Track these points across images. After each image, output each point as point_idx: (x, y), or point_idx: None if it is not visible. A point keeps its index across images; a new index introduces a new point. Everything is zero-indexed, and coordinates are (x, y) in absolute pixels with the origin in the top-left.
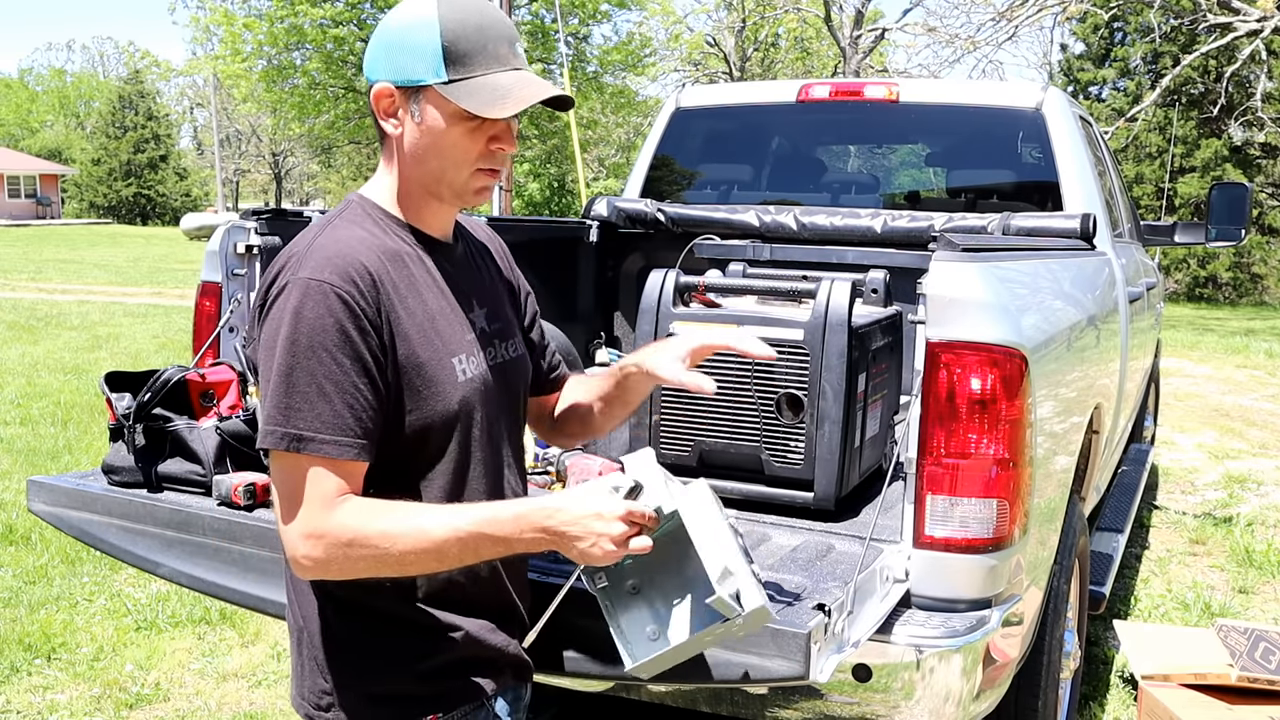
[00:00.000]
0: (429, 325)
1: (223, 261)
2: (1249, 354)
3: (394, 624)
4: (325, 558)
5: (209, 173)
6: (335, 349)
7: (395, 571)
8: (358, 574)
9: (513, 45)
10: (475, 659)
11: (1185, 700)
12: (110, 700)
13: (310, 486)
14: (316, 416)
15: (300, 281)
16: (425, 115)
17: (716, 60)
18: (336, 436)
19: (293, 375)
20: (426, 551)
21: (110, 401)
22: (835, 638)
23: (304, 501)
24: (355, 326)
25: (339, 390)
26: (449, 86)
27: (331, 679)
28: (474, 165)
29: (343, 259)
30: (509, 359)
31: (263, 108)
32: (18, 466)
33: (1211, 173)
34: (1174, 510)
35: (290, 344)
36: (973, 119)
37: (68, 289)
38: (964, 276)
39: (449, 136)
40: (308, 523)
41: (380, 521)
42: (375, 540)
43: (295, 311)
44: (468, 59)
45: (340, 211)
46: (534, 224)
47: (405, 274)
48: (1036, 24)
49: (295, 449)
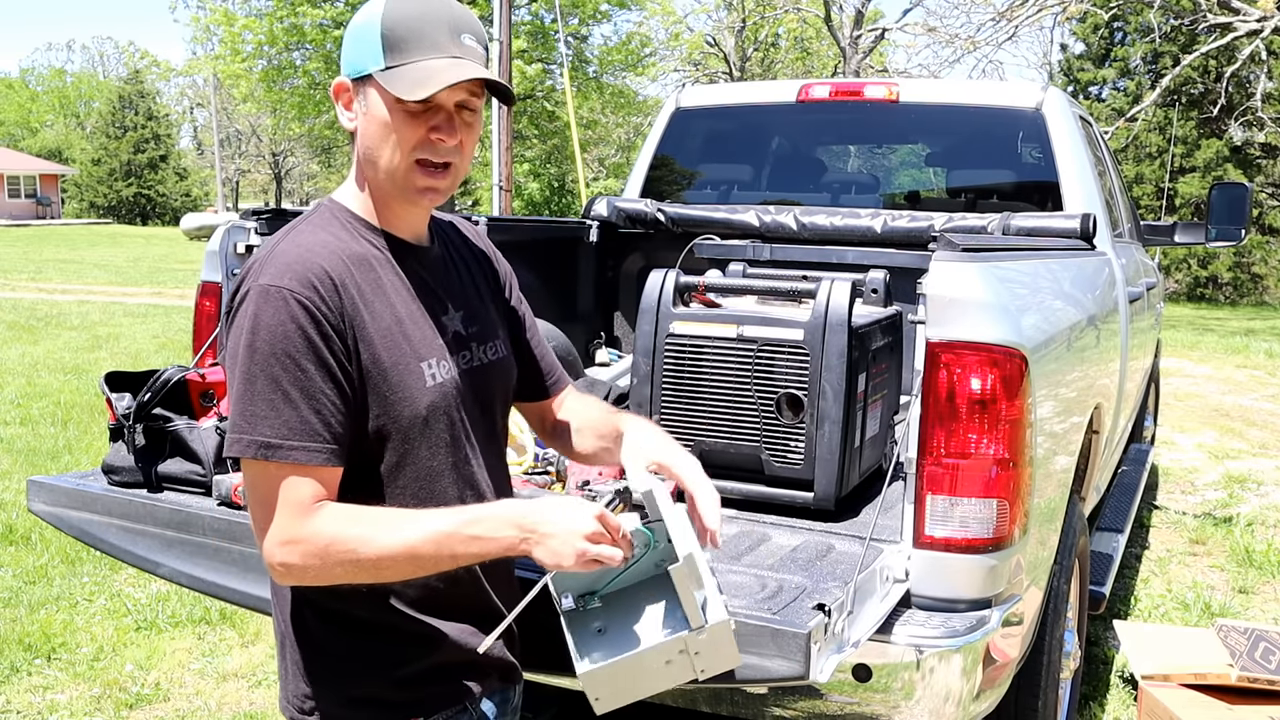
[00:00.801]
0: (396, 329)
1: (223, 261)
2: (1249, 354)
3: (372, 629)
4: (301, 564)
5: (209, 173)
6: (298, 354)
7: (372, 577)
8: (334, 580)
9: (456, 34)
10: (456, 663)
11: (1185, 700)
12: (110, 700)
13: (283, 493)
14: (284, 423)
15: (260, 288)
16: (369, 104)
17: (716, 60)
18: (305, 442)
19: (256, 382)
20: (402, 557)
21: (110, 401)
22: (835, 638)
23: (277, 509)
24: (317, 332)
25: (304, 396)
26: (386, 73)
27: (311, 683)
28: (412, 154)
29: (303, 264)
30: (487, 362)
31: (263, 108)
32: (18, 466)
33: (1211, 173)
34: (1174, 510)
35: (251, 350)
36: (973, 119)
37: (68, 289)
38: (964, 276)
39: (390, 125)
40: (283, 530)
41: (356, 527)
42: (352, 545)
43: (255, 318)
44: (403, 45)
45: (307, 216)
46: (534, 224)
47: (371, 278)
48: (1036, 24)
49: (264, 456)
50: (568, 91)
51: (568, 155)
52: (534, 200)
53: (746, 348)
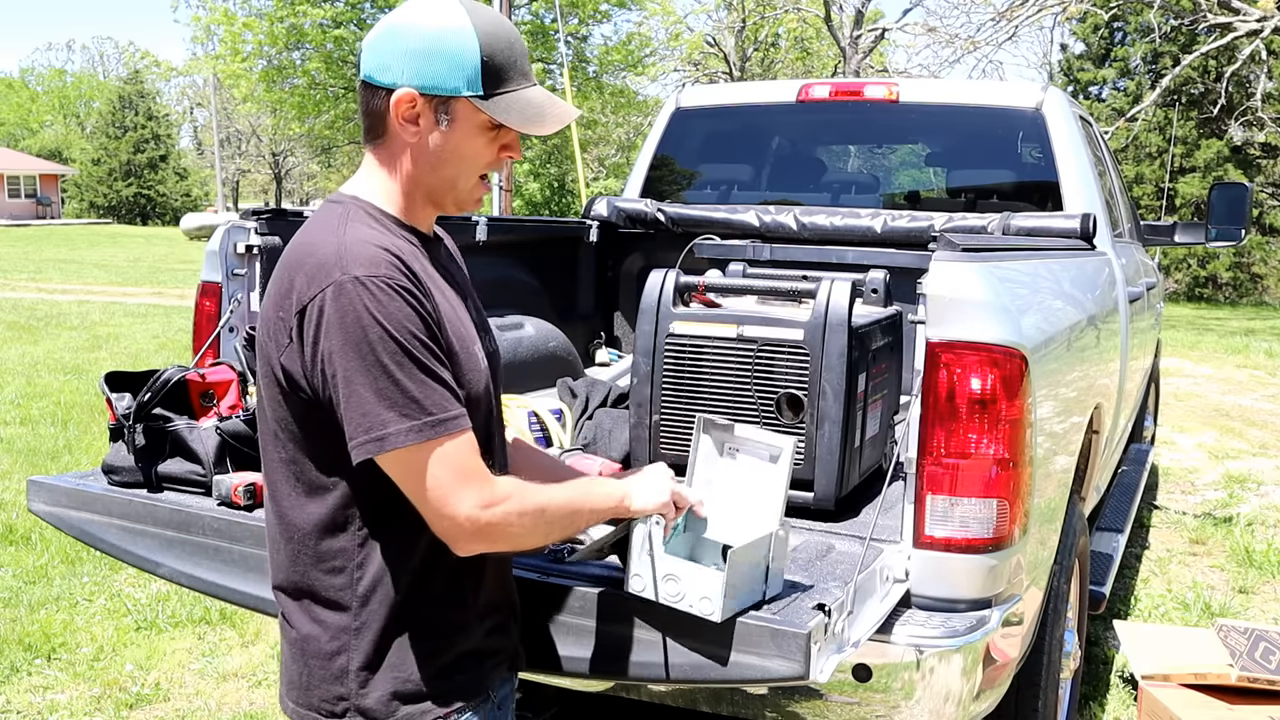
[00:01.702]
0: (453, 314)
1: (223, 261)
2: (1249, 354)
3: (403, 624)
4: (504, 522)
5: (209, 173)
6: (421, 333)
7: (543, 538)
8: (522, 542)
9: (529, 60)
10: (479, 652)
11: (1185, 700)
12: (110, 700)
13: (466, 461)
14: (440, 397)
15: (354, 280)
16: (455, 125)
17: (716, 60)
18: (460, 409)
19: (402, 369)
20: (567, 511)
21: (110, 401)
22: (835, 638)
23: (466, 477)
24: (423, 312)
25: (439, 370)
26: (489, 101)
27: (346, 683)
28: (481, 171)
29: (385, 255)
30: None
31: (263, 108)
32: (18, 466)
33: (1212, 173)
34: (1174, 510)
35: (373, 341)
36: (973, 119)
37: (68, 289)
38: (964, 276)
39: (472, 146)
40: (481, 494)
41: (530, 487)
42: (539, 502)
43: (365, 310)
44: (503, 73)
45: (344, 215)
46: (534, 224)
47: (423, 268)
48: (1036, 24)
49: (436, 435)
50: (568, 91)
51: (568, 155)
52: (534, 200)
53: (746, 348)
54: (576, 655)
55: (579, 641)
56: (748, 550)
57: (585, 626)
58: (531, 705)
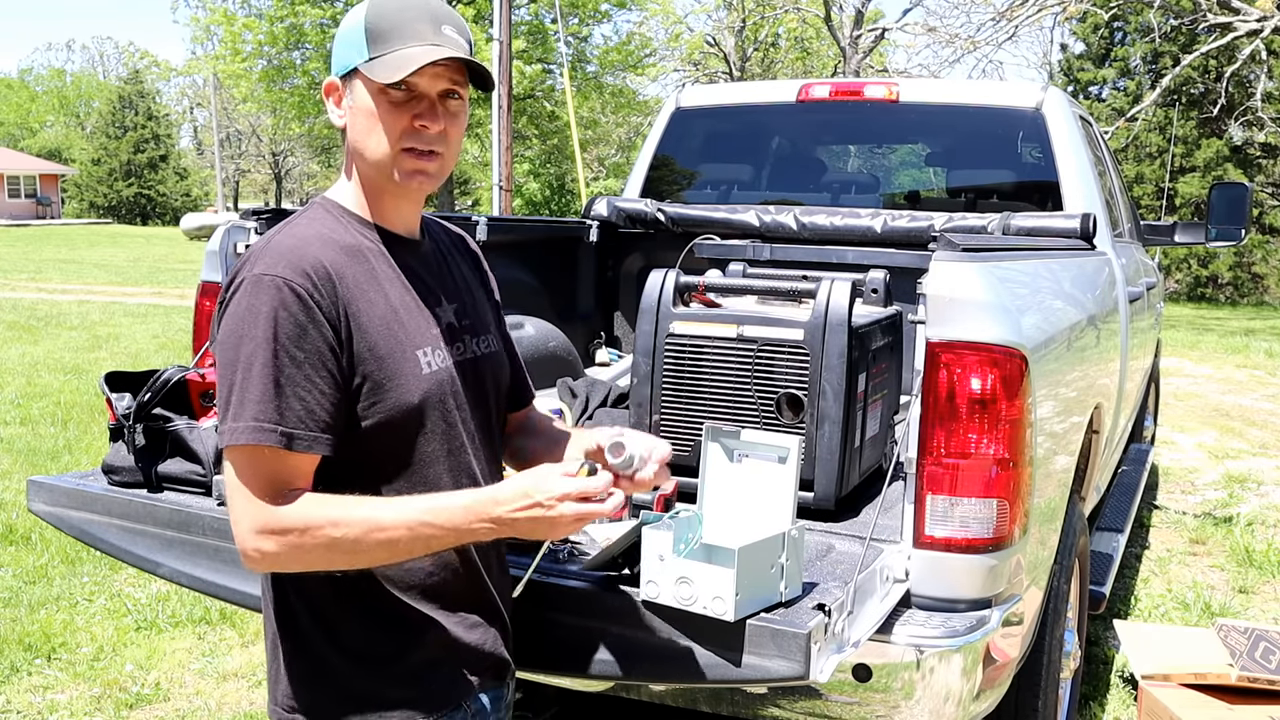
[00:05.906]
0: (391, 318)
1: (223, 261)
2: (1249, 354)
3: (369, 622)
4: (276, 550)
5: (209, 173)
6: (290, 343)
7: (347, 563)
8: (308, 565)
9: (436, 25)
10: (453, 658)
11: (1185, 700)
12: (110, 700)
13: (262, 480)
14: (274, 410)
15: (254, 277)
16: (355, 97)
17: (716, 60)
18: (291, 429)
19: (250, 370)
20: (376, 541)
21: (110, 401)
22: (835, 638)
23: (255, 495)
24: (310, 319)
25: (292, 383)
26: (369, 64)
27: (301, 682)
28: (399, 143)
29: (297, 254)
30: (481, 354)
31: (263, 108)
32: (18, 466)
33: (1212, 173)
34: (1174, 510)
35: (243, 339)
36: (973, 119)
37: (68, 289)
38: (964, 276)
39: (375, 114)
40: (259, 516)
41: (330, 510)
42: (325, 529)
43: (250, 307)
44: (385, 36)
45: (302, 212)
46: (534, 224)
47: (365, 268)
48: (1036, 24)
49: (247, 442)
50: (568, 91)
51: (568, 155)
52: (534, 200)
53: (746, 348)
54: (575, 655)
55: (579, 642)
56: (758, 548)
57: (584, 626)
58: (531, 705)
